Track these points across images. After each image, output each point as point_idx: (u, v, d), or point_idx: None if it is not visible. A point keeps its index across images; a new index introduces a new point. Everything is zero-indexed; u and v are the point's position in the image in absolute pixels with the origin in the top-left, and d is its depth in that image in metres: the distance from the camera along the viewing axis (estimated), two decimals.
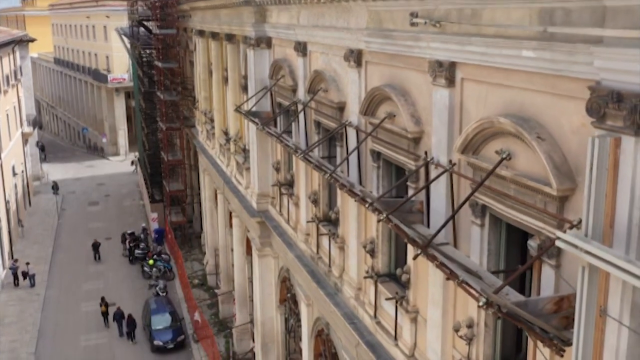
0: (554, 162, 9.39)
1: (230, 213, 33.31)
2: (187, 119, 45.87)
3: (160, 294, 39.15)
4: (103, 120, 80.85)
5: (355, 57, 16.52)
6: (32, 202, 59.59)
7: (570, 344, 8.66)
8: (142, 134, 55.43)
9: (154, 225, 49.89)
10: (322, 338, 21.42)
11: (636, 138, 7.35)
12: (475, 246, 11.79)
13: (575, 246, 7.77)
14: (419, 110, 13.78)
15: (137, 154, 66.09)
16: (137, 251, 45.84)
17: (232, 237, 33.46)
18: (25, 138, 59.67)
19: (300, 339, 23.87)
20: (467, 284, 9.49)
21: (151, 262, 43.34)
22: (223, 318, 37.22)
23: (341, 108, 18.05)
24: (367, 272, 16.65)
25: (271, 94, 24.63)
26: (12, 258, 46.39)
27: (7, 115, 51.05)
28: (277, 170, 24.80)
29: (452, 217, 11.39)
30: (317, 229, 20.38)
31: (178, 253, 44.41)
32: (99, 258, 46.47)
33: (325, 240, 20.00)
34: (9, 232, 47.14)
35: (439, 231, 10.76)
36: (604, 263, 7.35)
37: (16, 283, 42.64)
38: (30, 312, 39.05)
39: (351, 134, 17.16)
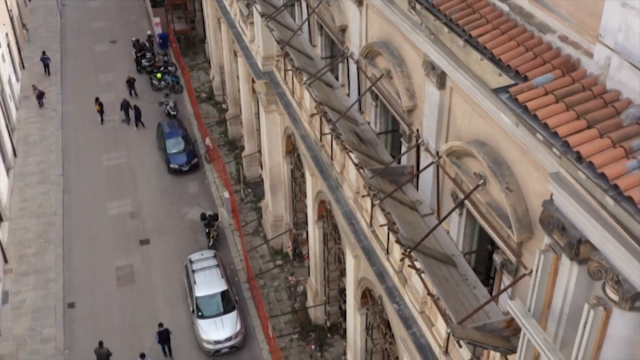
0: (517, 215, 11.46)
1: (235, 51, 34.38)
2: None
3: (172, 113, 41.46)
4: None
5: None
6: None
7: (514, 351, 11.55)
8: None
9: (158, 30, 50.53)
10: (325, 207, 24.39)
11: (571, 262, 9.46)
12: (454, 227, 14.18)
13: (519, 318, 10.27)
14: (413, 84, 15.19)
15: None
16: (143, 61, 47.12)
17: (238, 66, 34.80)
18: None
19: (305, 195, 26.83)
20: (439, 301, 12.08)
21: (159, 75, 44.97)
22: (232, 138, 40.00)
23: (343, 30, 19.02)
24: (364, 187, 19.02)
25: None
26: (23, 67, 47.94)
27: None
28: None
29: (439, 224, 13.60)
30: (321, 121, 22.22)
31: (184, 69, 45.85)
32: (136, 94, 44.51)
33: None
34: (17, 41, 48.01)
35: (424, 238, 13.05)
36: (535, 342, 9.93)
37: (47, 72, 46.79)
38: (51, 130, 41.71)
39: (351, 63, 18.41)
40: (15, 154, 39.10)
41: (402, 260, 14.27)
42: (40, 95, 42.92)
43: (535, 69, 9.54)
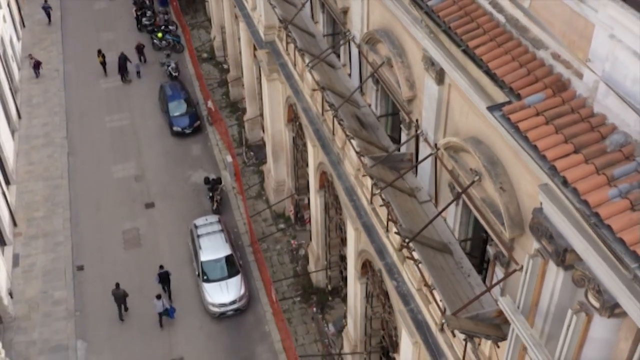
0: (509, 213, 12.13)
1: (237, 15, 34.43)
2: None
3: (173, 74, 41.65)
4: None
5: None
6: None
7: (505, 339, 12.40)
8: None
9: None
10: (327, 177, 25.03)
11: (557, 267, 10.17)
12: (451, 216, 14.86)
13: (509, 313, 11.06)
14: (413, 75, 15.65)
15: None
16: (144, 19, 47.01)
17: (239, 29, 34.90)
18: None
19: (307, 163, 27.43)
20: (435, 290, 12.86)
21: (160, 34, 45.01)
22: (234, 100, 40.35)
23: (345, 12, 19.32)
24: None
25: None
26: (23, 26, 47.89)
27: None
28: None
29: (435, 218, 14.27)
30: (322, 97, 22.64)
31: (185, 28, 45.82)
32: (145, 61, 43.79)
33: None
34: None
35: (422, 230, 13.74)
36: (522, 337, 10.74)
37: (49, 21, 48.03)
38: (54, 91, 41.97)
39: (353, 46, 18.77)
40: (19, 116, 39.50)
41: (400, 250, 15.00)
42: (36, 65, 42.60)
43: (527, 87, 10.07)
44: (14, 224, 32.52)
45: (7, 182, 34.15)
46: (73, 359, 27.09)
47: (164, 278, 28.80)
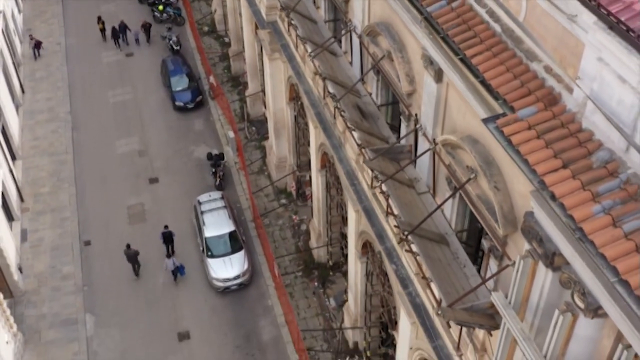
0: (503, 212, 12.78)
1: None
2: None
3: (175, 48, 41.88)
4: None
5: None
6: None
7: (498, 328, 13.16)
8: None
9: None
10: (328, 158, 25.61)
11: (546, 268, 10.85)
12: (448, 207, 15.50)
13: (501, 308, 11.79)
14: (413, 70, 16.13)
15: None
16: None
17: (240, 5, 35.11)
18: None
19: (309, 142, 27.98)
20: (432, 284, 13.57)
21: (160, 7, 45.11)
22: (235, 74, 40.67)
23: (346, 1, 19.67)
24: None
25: None
26: None
27: None
28: None
29: (433, 212, 14.90)
30: (324, 83, 23.09)
31: (186, 1, 45.87)
32: (147, 40, 44.01)
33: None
34: None
35: (420, 223, 14.40)
36: (513, 332, 11.49)
37: None
38: (57, 65, 42.26)
39: (354, 36, 19.19)
40: (23, 91, 39.85)
41: (399, 243, 15.68)
42: (37, 45, 42.58)
43: (521, 99, 10.61)
44: (21, 199, 33.18)
45: (13, 158, 34.72)
46: (82, 332, 28.00)
47: (167, 237, 29.99)
